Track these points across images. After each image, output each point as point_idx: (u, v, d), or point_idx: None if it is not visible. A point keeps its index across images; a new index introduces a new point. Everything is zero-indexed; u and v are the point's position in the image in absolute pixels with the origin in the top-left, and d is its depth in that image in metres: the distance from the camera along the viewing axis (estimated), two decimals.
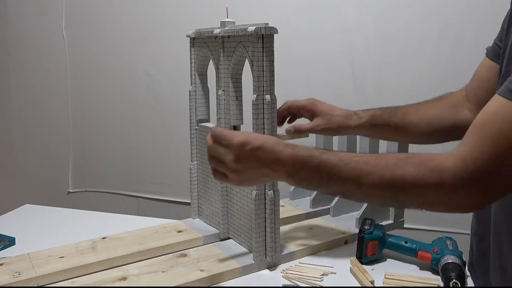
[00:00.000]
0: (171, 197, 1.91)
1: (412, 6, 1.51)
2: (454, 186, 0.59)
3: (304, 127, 0.97)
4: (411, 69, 1.54)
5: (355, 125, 0.97)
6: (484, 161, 0.58)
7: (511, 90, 0.58)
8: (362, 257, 0.95)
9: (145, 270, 0.91)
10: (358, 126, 0.97)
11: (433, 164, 0.60)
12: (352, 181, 0.65)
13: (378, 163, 0.64)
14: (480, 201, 0.61)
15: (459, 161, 0.59)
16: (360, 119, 0.97)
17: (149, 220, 1.19)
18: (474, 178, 0.58)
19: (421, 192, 0.62)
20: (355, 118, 0.97)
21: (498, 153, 0.58)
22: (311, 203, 1.23)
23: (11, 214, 1.26)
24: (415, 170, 0.61)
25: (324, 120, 0.96)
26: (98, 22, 1.90)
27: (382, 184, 0.63)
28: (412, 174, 0.61)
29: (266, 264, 0.94)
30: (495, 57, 0.87)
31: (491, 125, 0.59)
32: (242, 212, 0.98)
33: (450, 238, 0.95)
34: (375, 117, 0.97)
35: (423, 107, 0.96)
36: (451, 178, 0.59)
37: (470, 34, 1.46)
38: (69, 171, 2.04)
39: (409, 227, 1.32)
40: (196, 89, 1.11)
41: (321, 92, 1.63)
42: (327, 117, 0.96)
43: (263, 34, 0.86)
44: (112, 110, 1.94)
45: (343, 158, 0.66)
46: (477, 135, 0.60)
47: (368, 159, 0.65)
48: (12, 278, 0.85)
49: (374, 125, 0.97)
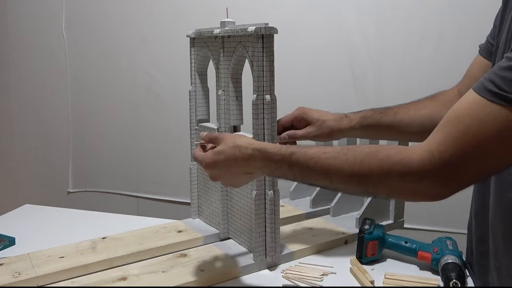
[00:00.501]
0: (171, 197, 1.91)
1: (412, 6, 1.50)
2: (419, 177, 0.62)
3: (298, 135, 0.99)
4: (411, 69, 1.53)
5: (347, 127, 0.98)
6: (449, 156, 0.60)
7: (485, 88, 0.58)
8: (362, 257, 0.95)
9: (145, 270, 0.91)
10: (349, 128, 0.98)
11: (400, 157, 0.63)
12: (323, 177, 0.69)
13: (347, 158, 0.67)
14: (441, 191, 0.63)
15: (426, 154, 0.61)
16: (351, 121, 0.98)
17: (149, 220, 1.19)
18: (438, 170, 0.60)
19: (388, 184, 0.65)
20: (346, 121, 0.98)
21: (464, 150, 0.59)
22: (311, 203, 1.23)
23: (11, 214, 1.26)
24: (381, 163, 0.64)
25: (316, 127, 0.98)
26: (98, 22, 1.90)
27: (351, 179, 0.67)
28: (379, 167, 0.64)
29: (266, 264, 0.94)
30: (487, 55, 0.87)
31: (460, 121, 0.60)
32: (242, 212, 0.98)
33: (450, 238, 0.95)
34: (365, 118, 0.98)
35: (414, 107, 0.97)
36: (416, 170, 0.61)
37: (470, 34, 1.46)
38: (69, 171, 2.04)
39: (409, 227, 1.32)
40: (196, 89, 1.11)
41: (321, 92, 1.64)
42: (318, 123, 0.98)
43: (263, 34, 0.86)
44: (112, 110, 1.94)
45: (312, 156, 0.69)
46: (447, 129, 0.61)
47: (337, 154, 0.68)
48: (12, 278, 0.85)
49: (365, 126, 0.98)
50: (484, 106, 0.58)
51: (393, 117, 0.96)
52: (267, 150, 0.74)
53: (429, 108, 0.95)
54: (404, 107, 0.97)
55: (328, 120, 0.98)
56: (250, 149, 0.75)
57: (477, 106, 0.59)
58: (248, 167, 0.76)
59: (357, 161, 0.66)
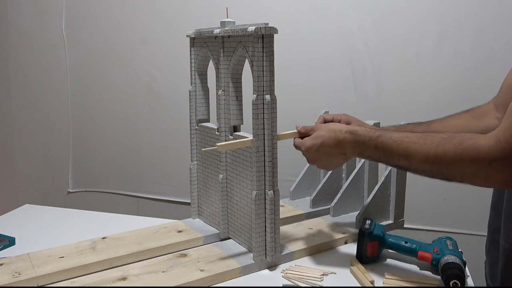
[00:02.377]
0: (171, 197, 1.91)
1: (412, 8, 1.50)
2: (488, 161, 0.67)
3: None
4: (411, 71, 1.53)
5: None
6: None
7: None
8: (362, 257, 0.95)
9: (145, 270, 0.91)
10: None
11: (471, 142, 0.69)
12: (404, 158, 0.77)
13: (425, 142, 0.74)
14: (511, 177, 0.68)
15: (493, 139, 0.68)
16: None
17: (149, 220, 1.19)
18: (504, 154, 0.66)
19: (460, 167, 0.71)
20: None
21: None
22: (311, 203, 1.23)
23: (11, 214, 1.26)
24: (455, 147, 0.70)
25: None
26: (98, 22, 1.90)
27: (428, 160, 0.74)
28: (452, 151, 0.71)
29: (266, 264, 0.94)
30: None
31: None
32: (242, 212, 0.98)
33: (450, 238, 0.95)
34: (399, 128, 1.01)
35: (448, 118, 1.02)
36: (484, 154, 0.67)
37: (470, 36, 1.46)
38: (69, 171, 2.04)
39: (409, 227, 1.32)
40: (196, 89, 1.11)
41: (321, 93, 1.64)
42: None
43: (263, 34, 0.86)
44: (112, 110, 1.94)
45: (396, 140, 0.78)
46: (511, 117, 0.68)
47: (417, 139, 0.76)
48: (12, 278, 0.85)
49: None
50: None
51: (427, 127, 1.01)
52: (357, 132, 0.84)
53: (463, 120, 1.01)
54: (438, 119, 1.03)
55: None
56: (344, 131, 0.85)
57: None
58: (341, 147, 0.85)
59: (433, 144, 0.73)
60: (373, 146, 0.81)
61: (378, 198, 1.12)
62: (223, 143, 0.94)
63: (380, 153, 0.81)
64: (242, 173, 0.96)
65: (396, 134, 0.79)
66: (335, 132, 0.85)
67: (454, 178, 0.74)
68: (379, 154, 0.81)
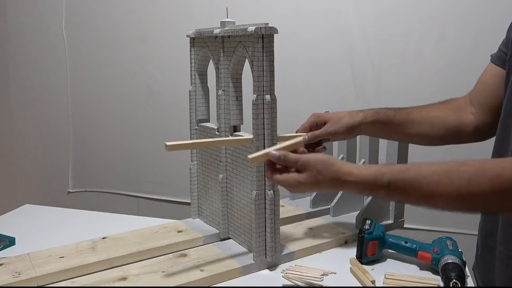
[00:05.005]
0: (171, 197, 1.91)
1: (412, 8, 1.51)
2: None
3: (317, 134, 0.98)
4: (411, 71, 1.54)
5: (361, 121, 0.98)
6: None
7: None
8: (362, 257, 0.95)
9: (145, 270, 0.91)
10: (364, 122, 0.98)
11: (510, 173, 0.63)
12: (425, 200, 0.68)
13: (450, 182, 0.65)
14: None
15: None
16: (365, 115, 0.99)
17: (149, 220, 1.19)
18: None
19: (503, 201, 0.64)
20: (361, 115, 0.99)
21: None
22: (311, 203, 1.23)
23: (11, 214, 1.26)
24: (492, 183, 0.63)
25: (333, 124, 0.98)
26: (98, 22, 1.90)
27: (458, 201, 0.66)
28: (491, 188, 0.63)
29: (266, 264, 0.94)
30: (500, 63, 0.90)
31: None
32: (242, 212, 0.98)
33: (450, 238, 0.95)
34: (379, 114, 0.99)
35: (426, 108, 0.99)
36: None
37: (470, 36, 1.46)
38: (69, 171, 2.04)
39: (409, 227, 1.32)
40: (196, 89, 1.11)
41: (321, 93, 1.64)
42: (334, 120, 0.98)
43: (263, 34, 0.86)
44: (112, 110, 1.94)
45: (412, 183, 0.68)
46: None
47: (439, 178, 0.66)
48: (12, 278, 0.85)
49: (378, 122, 0.98)
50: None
51: (406, 116, 0.98)
52: (362, 183, 0.71)
53: (441, 111, 0.98)
54: (417, 108, 1.00)
55: (343, 117, 0.98)
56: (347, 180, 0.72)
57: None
58: (340, 188, 0.77)
59: (464, 183, 0.64)
60: (384, 192, 0.70)
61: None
62: (255, 155, 0.79)
63: (393, 197, 0.78)
64: (242, 173, 0.96)
65: (409, 174, 0.68)
66: (338, 178, 0.73)
67: (493, 212, 0.70)
68: (393, 198, 0.80)
